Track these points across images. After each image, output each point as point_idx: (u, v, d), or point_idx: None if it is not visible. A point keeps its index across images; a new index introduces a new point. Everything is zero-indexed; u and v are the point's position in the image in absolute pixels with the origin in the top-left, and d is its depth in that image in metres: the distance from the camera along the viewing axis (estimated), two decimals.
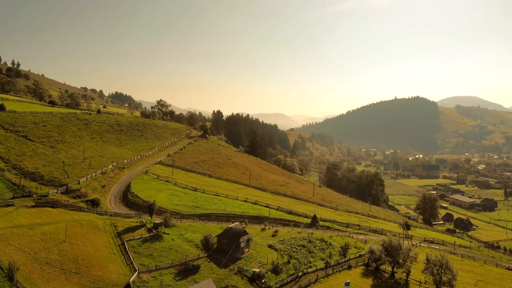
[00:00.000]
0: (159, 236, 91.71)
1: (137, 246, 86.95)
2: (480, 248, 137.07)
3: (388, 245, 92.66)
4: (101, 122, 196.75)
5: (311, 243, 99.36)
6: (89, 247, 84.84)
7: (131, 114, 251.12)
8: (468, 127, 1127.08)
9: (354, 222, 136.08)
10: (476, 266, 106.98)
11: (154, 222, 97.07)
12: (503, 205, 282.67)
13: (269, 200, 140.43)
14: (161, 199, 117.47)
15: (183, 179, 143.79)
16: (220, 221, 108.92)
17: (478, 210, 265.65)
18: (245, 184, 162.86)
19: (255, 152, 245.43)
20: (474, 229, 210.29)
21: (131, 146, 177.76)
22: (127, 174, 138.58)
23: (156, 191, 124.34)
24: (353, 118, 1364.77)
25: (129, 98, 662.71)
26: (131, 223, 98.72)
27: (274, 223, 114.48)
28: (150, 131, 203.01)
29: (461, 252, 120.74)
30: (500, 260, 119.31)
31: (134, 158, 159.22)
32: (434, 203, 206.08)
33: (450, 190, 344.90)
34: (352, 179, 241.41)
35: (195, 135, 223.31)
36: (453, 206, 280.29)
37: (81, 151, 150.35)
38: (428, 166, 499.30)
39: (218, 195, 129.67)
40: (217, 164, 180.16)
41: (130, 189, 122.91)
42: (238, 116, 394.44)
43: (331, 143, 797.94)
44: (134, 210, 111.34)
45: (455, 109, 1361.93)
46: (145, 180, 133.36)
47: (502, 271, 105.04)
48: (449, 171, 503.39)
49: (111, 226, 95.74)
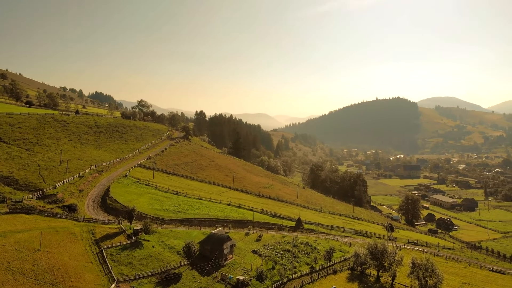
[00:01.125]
0: (139, 243, 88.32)
1: (116, 254, 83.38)
2: (464, 250, 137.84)
3: (373, 249, 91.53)
4: (80, 123, 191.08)
5: (296, 248, 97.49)
6: (65, 256, 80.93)
7: (111, 115, 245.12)
8: (448, 127, 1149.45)
9: (338, 224, 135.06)
10: (461, 268, 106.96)
11: (134, 228, 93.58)
12: (484, 205, 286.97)
13: (253, 203, 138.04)
14: (141, 203, 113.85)
15: (164, 183, 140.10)
16: (202, 226, 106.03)
17: (459, 210, 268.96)
18: (229, 186, 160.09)
19: (239, 154, 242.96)
20: (456, 229, 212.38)
21: (110, 148, 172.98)
22: (106, 178, 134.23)
23: (136, 195, 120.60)
24: (335, 118, 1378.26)
25: (110, 98, 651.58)
26: (110, 229, 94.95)
27: (258, 227, 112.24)
28: (130, 132, 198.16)
29: (445, 254, 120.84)
30: (484, 261, 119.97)
31: (113, 161, 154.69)
32: (416, 204, 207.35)
33: (431, 190, 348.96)
34: (335, 180, 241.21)
35: (177, 136, 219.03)
36: (435, 206, 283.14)
37: (58, 154, 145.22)
38: (409, 166, 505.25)
39: (200, 199, 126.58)
40: (199, 167, 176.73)
41: (109, 193, 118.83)
42: (222, 117, 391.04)
43: (314, 144, 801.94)
44: (113, 215, 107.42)
45: (434, 110, 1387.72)
46: (125, 184, 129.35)
47: (487, 273, 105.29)
48: (429, 171, 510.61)
49: (88, 233, 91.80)
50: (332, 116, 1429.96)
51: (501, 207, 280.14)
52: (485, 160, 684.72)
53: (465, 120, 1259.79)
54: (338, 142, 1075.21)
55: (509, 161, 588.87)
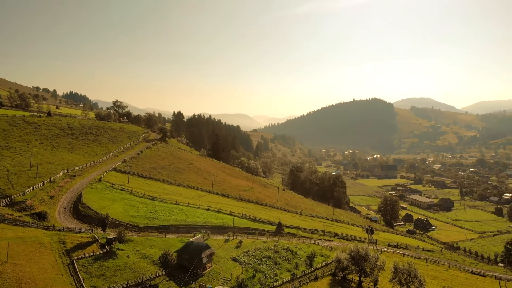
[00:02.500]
0: (113, 253, 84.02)
1: (88, 265, 78.91)
2: (443, 251, 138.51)
3: (355, 254, 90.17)
4: (51, 125, 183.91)
5: (277, 254, 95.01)
6: (34, 268, 76.08)
7: (85, 116, 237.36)
8: (423, 128, 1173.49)
9: (319, 227, 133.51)
10: (441, 271, 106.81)
11: (108, 237, 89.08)
12: (460, 204, 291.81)
13: (233, 207, 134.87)
14: (115, 210, 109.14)
15: (140, 187, 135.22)
16: (180, 233, 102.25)
17: (436, 210, 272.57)
18: (208, 190, 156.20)
19: (218, 156, 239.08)
20: (433, 230, 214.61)
21: (83, 151, 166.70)
22: (79, 183, 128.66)
23: (110, 201, 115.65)
24: (313, 118, 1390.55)
25: (85, 98, 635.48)
26: (82, 238, 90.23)
27: (238, 232, 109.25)
28: (105, 134, 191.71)
29: (425, 256, 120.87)
30: (464, 263, 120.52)
31: (86, 165, 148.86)
32: (395, 205, 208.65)
33: (408, 190, 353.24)
34: (315, 181, 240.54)
35: (154, 138, 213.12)
36: (412, 206, 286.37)
37: (28, 158, 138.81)
38: (386, 166, 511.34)
39: (178, 204, 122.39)
40: (177, 170, 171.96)
41: (81, 199, 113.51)
42: (200, 117, 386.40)
43: (293, 144, 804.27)
44: (86, 223, 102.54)
45: (410, 110, 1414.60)
46: (98, 189, 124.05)
47: (467, 275, 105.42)
48: (406, 171, 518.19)
49: (59, 243, 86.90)
50: (310, 116, 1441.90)
51: (476, 207, 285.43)
52: (460, 160, 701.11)
53: (440, 120, 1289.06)
54: (316, 142, 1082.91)
55: (483, 161, 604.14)
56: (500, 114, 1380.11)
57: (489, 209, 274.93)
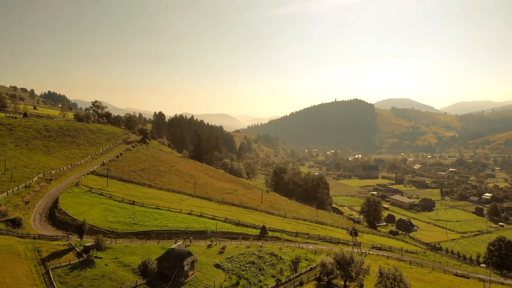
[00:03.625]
0: (91, 262, 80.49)
1: (64, 275, 75.32)
2: (426, 253, 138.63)
3: (340, 258, 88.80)
4: (27, 127, 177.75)
5: (261, 259, 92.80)
6: (7, 278, 72.16)
7: (63, 117, 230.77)
8: (403, 128, 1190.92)
9: (303, 230, 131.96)
10: (425, 274, 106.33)
11: (85, 244, 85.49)
12: (441, 204, 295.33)
13: (216, 211, 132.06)
14: (93, 215, 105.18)
15: (119, 191, 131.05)
16: (161, 238, 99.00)
17: (417, 211, 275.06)
18: (190, 194, 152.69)
19: (200, 157, 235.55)
20: (415, 230, 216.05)
21: (60, 154, 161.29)
22: (55, 187, 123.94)
23: (88, 206, 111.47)
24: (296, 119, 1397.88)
25: (63, 98, 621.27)
26: (58, 246, 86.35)
27: (222, 237, 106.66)
28: (83, 136, 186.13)
29: (409, 258, 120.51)
30: (447, 265, 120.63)
31: (63, 168, 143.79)
32: (378, 206, 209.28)
33: (390, 190, 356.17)
34: (298, 183, 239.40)
35: (134, 140, 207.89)
36: (394, 207, 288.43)
37: (2, 161, 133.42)
38: (368, 166, 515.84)
39: (159, 209, 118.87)
40: (158, 173, 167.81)
41: (58, 205, 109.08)
42: (182, 118, 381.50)
43: (276, 144, 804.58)
44: (62, 230, 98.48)
45: (390, 111, 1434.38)
46: (76, 194, 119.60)
47: (451, 277, 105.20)
48: (387, 171, 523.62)
49: (34, 251, 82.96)
50: (293, 117, 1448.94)
51: (457, 207, 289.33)
52: (440, 160, 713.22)
53: (420, 121, 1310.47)
54: (299, 142, 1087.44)
55: (462, 161, 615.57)
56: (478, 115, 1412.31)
57: (470, 209, 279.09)
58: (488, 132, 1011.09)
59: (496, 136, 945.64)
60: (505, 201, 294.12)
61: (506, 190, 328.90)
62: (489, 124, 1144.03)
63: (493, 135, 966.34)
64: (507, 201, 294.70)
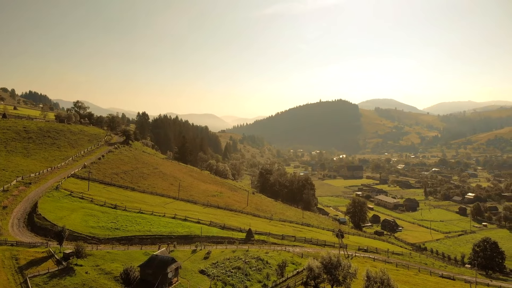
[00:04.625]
0: (70, 269, 77.43)
1: (43, 284, 72.27)
2: (412, 254, 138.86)
3: (327, 262, 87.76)
4: (6, 128, 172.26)
5: (247, 264, 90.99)
6: None
7: (44, 117, 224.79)
8: (387, 128, 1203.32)
9: (289, 233, 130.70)
10: (412, 276, 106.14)
11: (65, 251, 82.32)
12: (425, 204, 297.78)
13: (201, 214, 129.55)
14: (74, 221, 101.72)
15: (101, 195, 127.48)
16: (144, 244, 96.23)
17: (402, 211, 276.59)
18: (174, 197, 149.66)
19: (185, 159, 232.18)
20: (400, 231, 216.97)
21: (40, 156, 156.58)
22: (35, 191, 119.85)
23: (68, 211, 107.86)
24: (282, 119, 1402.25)
25: (45, 98, 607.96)
26: (36, 254, 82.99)
27: (207, 241, 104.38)
28: (64, 138, 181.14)
29: (395, 260, 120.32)
30: (433, 266, 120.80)
31: (43, 171, 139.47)
32: (363, 207, 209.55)
33: (374, 190, 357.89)
34: (284, 184, 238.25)
35: (116, 141, 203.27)
36: (379, 207, 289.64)
37: None
38: (352, 166, 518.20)
39: (142, 213, 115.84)
40: (141, 175, 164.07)
41: (37, 210, 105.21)
42: (166, 118, 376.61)
43: (261, 145, 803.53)
44: (42, 236, 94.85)
45: (374, 111, 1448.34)
46: (56, 198, 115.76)
47: (437, 279, 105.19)
48: (371, 171, 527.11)
49: (11, 259, 79.61)
50: (278, 117, 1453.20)
51: (441, 207, 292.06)
52: (423, 159, 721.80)
53: (403, 121, 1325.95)
54: (285, 142, 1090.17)
55: (445, 161, 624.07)
56: (460, 115, 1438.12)
57: (453, 208, 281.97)
58: (470, 132, 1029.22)
59: (478, 136, 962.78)
60: (488, 201, 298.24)
61: (489, 190, 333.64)
62: (470, 124, 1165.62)
63: (475, 135, 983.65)
64: (490, 201, 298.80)
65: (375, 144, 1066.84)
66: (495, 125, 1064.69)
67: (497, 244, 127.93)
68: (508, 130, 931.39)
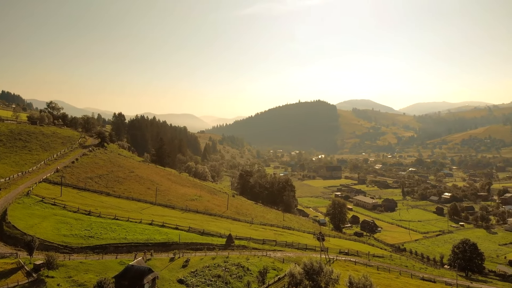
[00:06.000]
0: (41, 282, 73.44)
1: None
2: (392, 256, 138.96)
3: (309, 268, 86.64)
4: None
5: (227, 271, 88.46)
6: None
7: (15, 118, 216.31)
8: (364, 129, 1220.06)
9: (270, 237, 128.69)
10: (393, 279, 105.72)
11: (35, 262, 78.10)
12: (402, 204, 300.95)
13: (179, 220, 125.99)
14: (45, 229, 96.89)
15: (74, 201, 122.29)
16: (119, 252, 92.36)
17: (380, 211, 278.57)
18: (151, 202, 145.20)
19: (163, 162, 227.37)
20: (379, 231, 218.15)
21: (11, 160, 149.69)
22: (4, 197, 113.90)
23: (39, 218, 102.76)
24: (261, 119, 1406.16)
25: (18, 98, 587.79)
26: (5, 265, 78.42)
27: (185, 248, 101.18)
28: (36, 140, 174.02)
29: (376, 263, 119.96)
30: (413, 269, 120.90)
31: (14, 176, 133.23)
32: (343, 209, 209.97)
33: (353, 190, 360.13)
34: (265, 186, 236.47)
35: (91, 143, 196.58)
36: (358, 207, 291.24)
37: None
38: (331, 167, 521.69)
39: (117, 219, 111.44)
40: (117, 179, 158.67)
41: (6, 217, 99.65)
42: (143, 119, 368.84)
43: (241, 145, 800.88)
44: (11, 245, 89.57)
45: (352, 112, 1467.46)
46: (26, 205, 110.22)
47: (418, 282, 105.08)
48: (350, 171, 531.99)
49: None
50: (258, 117, 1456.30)
51: (418, 207, 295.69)
52: (399, 159, 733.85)
53: (380, 121, 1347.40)
54: (265, 143, 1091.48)
55: (421, 161, 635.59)
56: (435, 115, 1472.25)
57: (430, 208, 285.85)
58: (445, 132, 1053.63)
59: (453, 136, 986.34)
60: (464, 201, 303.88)
61: (465, 190, 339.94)
62: (445, 125, 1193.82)
63: (450, 135, 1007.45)
64: (466, 201, 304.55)
65: (353, 144, 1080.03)
66: (469, 125, 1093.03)
67: (476, 245, 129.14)
68: (482, 130, 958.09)
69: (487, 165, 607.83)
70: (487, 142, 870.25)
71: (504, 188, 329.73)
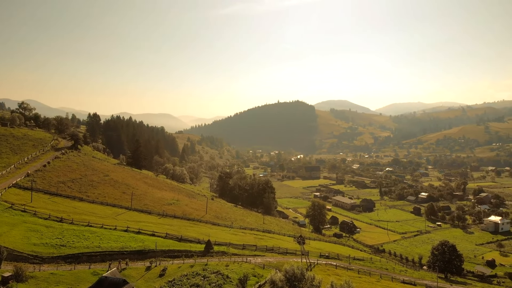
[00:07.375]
0: None
1: None
2: (373, 259, 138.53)
3: (291, 275, 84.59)
4: None
5: (207, 280, 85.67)
6: None
7: None
8: (342, 129, 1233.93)
9: (250, 241, 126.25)
10: (374, 283, 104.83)
11: (3, 275, 73.49)
12: (380, 204, 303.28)
13: (156, 225, 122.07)
14: (14, 237, 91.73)
15: (45, 207, 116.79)
16: (93, 262, 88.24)
17: (359, 211, 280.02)
18: (126, 207, 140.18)
19: (139, 164, 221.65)
20: (358, 232, 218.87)
21: None
22: None
23: (8, 226, 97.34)
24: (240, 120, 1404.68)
25: None
26: None
27: (162, 256, 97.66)
28: (6, 143, 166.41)
29: (357, 266, 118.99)
30: (393, 271, 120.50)
31: None
32: (322, 210, 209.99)
33: (332, 191, 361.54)
34: (244, 188, 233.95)
35: (64, 146, 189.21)
36: (336, 208, 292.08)
37: None
38: (310, 167, 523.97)
39: (91, 226, 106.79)
40: (90, 183, 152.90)
41: None
42: (119, 120, 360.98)
43: (220, 146, 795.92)
44: None
45: (329, 112, 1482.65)
46: None
47: (399, 285, 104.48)
48: (328, 171, 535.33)
49: None
50: (237, 117, 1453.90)
51: (396, 207, 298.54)
52: (376, 159, 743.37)
53: (357, 121, 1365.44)
54: (244, 143, 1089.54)
55: (397, 160, 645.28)
56: (410, 116, 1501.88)
57: (408, 208, 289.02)
58: (420, 132, 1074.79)
59: (428, 136, 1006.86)
60: (441, 200, 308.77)
61: (441, 189, 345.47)
62: (421, 125, 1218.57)
63: (425, 135, 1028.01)
64: (443, 200, 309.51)
65: (330, 144, 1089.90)
66: (443, 125, 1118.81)
67: (455, 247, 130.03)
68: (456, 130, 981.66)
69: (461, 164, 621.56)
70: (461, 142, 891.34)
71: (479, 188, 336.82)
